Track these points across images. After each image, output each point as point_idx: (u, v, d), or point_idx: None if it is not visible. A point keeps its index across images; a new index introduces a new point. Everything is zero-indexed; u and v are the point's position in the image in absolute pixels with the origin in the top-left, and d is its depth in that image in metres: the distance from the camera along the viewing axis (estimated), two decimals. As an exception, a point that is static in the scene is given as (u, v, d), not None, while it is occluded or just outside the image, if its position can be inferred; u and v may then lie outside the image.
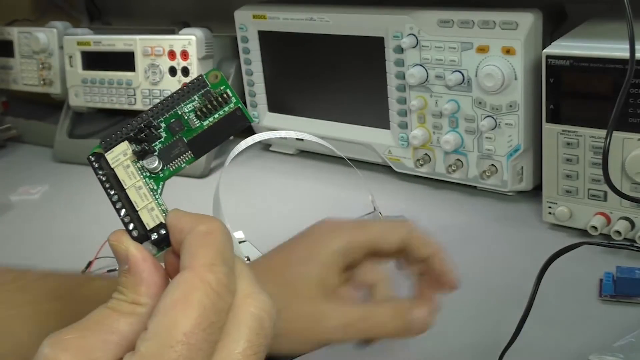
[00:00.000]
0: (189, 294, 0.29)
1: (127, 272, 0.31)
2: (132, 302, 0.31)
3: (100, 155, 0.34)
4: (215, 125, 0.35)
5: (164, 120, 0.35)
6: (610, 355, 0.50)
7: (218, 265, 0.30)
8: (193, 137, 0.35)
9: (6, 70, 1.23)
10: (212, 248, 0.30)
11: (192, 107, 0.35)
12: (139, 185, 0.34)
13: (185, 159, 0.35)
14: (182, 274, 0.30)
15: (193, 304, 0.28)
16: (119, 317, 0.30)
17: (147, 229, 0.33)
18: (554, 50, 0.67)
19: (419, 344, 0.58)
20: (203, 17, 1.28)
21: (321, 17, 0.90)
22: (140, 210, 0.33)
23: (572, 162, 0.69)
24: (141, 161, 0.34)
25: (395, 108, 0.87)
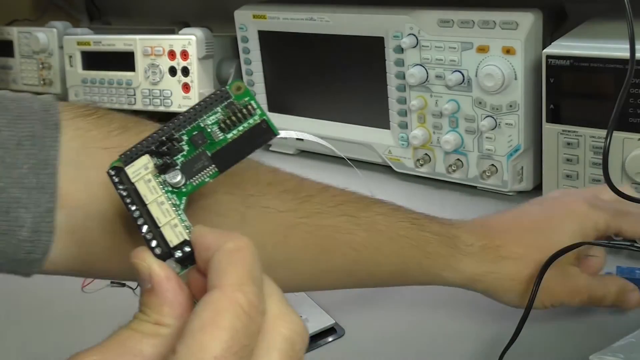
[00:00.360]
0: (218, 316, 0.27)
1: (150, 291, 0.30)
2: (156, 323, 0.29)
3: (120, 169, 0.33)
4: (239, 138, 0.34)
5: (186, 133, 0.34)
6: (611, 355, 0.50)
7: (248, 285, 0.29)
8: (217, 151, 0.34)
9: (6, 70, 1.23)
10: (241, 267, 0.29)
11: (215, 120, 0.34)
12: (161, 200, 0.33)
13: (208, 173, 0.34)
14: (210, 294, 0.28)
15: (223, 326, 0.27)
16: (141, 339, 0.29)
17: (170, 247, 0.32)
18: (554, 50, 0.67)
19: (419, 344, 0.58)
20: (203, 17, 1.28)
21: (321, 17, 0.90)
22: (162, 226, 0.32)
23: (572, 162, 0.69)
24: (163, 175, 0.33)
25: (395, 108, 0.87)
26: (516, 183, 0.80)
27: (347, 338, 0.59)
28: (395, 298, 0.65)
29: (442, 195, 0.86)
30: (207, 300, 0.28)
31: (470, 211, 0.81)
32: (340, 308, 0.61)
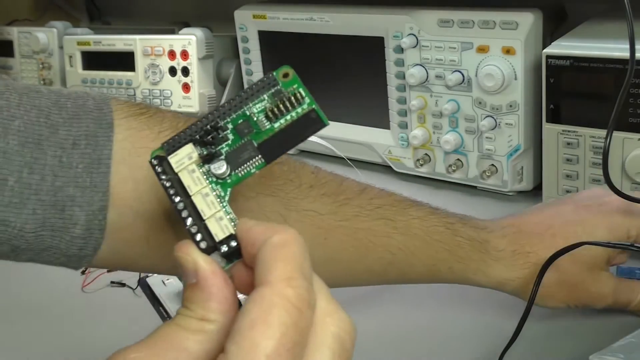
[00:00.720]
0: (268, 312, 0.27)
1: (195, 286, 0.29)
2: (201, 319, 0.29)
3: (163, 159, 0.32)
4: (287, 127, 0.33)
5: (231, 122, 0.32)
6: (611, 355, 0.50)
7: (297, 279, 0.28)
8: (263, 141, 0.32)
9: (6, 70, 1.23)
10: (290, 261, 0.28)
11: (261, 108, 0.33)
12: (206, 192, 0.31)
13: (255, 164, 0.32)
14: (259, 291, 0.28)
15: (274, 323, 0.26)
16: (187, 335, 0.28)
17: (216, 241, 0.30)
18: (554, 50, 0.67)
19: (419, 344, 0.58)
20: (203, 17, 1.29)
21: (321, 17, 0.90)
22: (207, 219, 0.31)
23: (572, 162, 0.69)
24: (207, 165, 0.32)
25: (395, 108, 0.87)
26: (516, 183, 0.80)
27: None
28: (395, 298, 0.65)
29: (442, 195, 0.86)
30: (256, 297, 0.27)
31: (470, 211, 0.81)
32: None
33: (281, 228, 0.29)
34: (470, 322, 0.60)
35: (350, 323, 0.29)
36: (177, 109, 1.01)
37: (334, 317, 0.29)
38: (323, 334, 0.28)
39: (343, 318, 0.29)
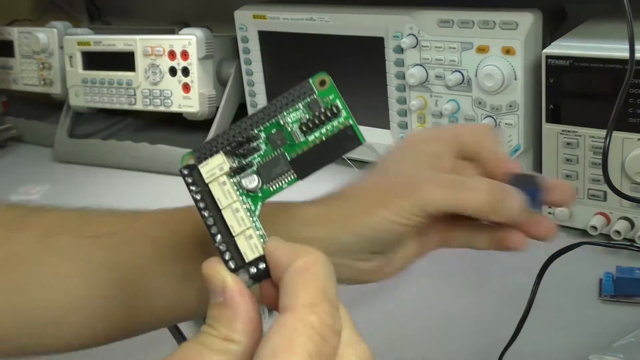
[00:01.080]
0: (291, 340, 0.26)
1: (221, 305, 0.29)
2: (225, 339, 0.28)
3: (194, 167, 0.31)
4: (322, 143, 0.32)
5: (264, 130, 0.31)
6: (611, 355, 0.50)
7: (320, 305, 0.27)
8: (297, 155, 0.31)
9: (6, 70, 1.23)
10: (313, 285, 0.28)
11: (296, 118, 0.31)
12: (236, 207, 0.30)
13: (286, 180, 0.31)
14: (282, 317, 0.27)
15: (297, 350, 0.26)
16: (210, 355, 0.28)
17: (245, 262, 0.30)
18: (554, 50, 0.67)
19: (419, 344, 0.58)
20: (203, 17, 1.29)
21: (321, 17, 0.90)
22: (237, 236, 0.30)
23: (572, 162, 0.69)
24: (238, 177, 0.31)
25: (395, 108, 0.87)
26: (516, 183, 0.80)
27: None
28: (394, 298, 0.65)
29: (442, 195, 0.86)
30: (279, 323, 0.27)
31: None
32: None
33: (304, 250, 0.29)
34: (470, 322, 0.60)
35: (369, 354, 0.29)
36: (178, 109, 1.01)
37: (356, 348, 0.29)
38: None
39: (364, 350, 0.29)
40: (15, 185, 1.03)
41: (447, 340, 0.59)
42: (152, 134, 1.14)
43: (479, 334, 0.58)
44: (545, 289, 0.53)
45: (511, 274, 0.66)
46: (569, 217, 0.71)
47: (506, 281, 0.65)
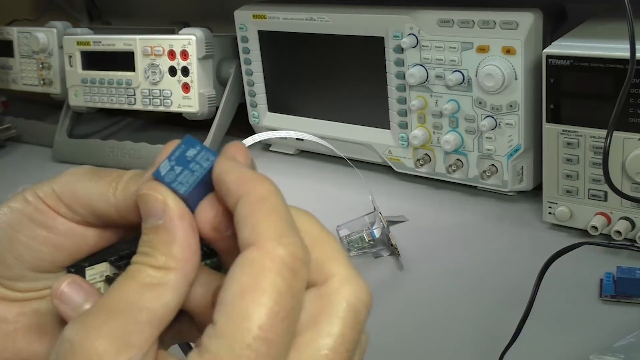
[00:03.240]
0: (259, 278, 0.24)
1: (159, 228, 0.27)
2: (160, 267, 0.26)
3: (82, 268, 0.32)
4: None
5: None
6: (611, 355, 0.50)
7: (287, 236, 0.25)
8: None
9: (6, 70, 1.23)
10: (275, 216, 0.25)
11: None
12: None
13: None
14: (246, 254, 0.25)
15: (266, 289, 0.24)
16: (145, 291, 0.26)
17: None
18: (554, 50, 0.67)
19: (419, 344, 0.58)
20: (203, 17, 1.29)
21: (321, 17, 0.89)
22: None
23: (572, 162, 0.69)
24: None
25: (395, 108, 0.87)
26: (516, 183, 0.80)
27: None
28: (395, 298, 0.65)
29: (442, 195, 0.86)
30: (244, 260, 0.25)
31: (470, 211, 0.81)
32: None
33: (256, 179, 0.27)
34: (470, 322, 0.60)
35: (367, 293, 0.27)
36: (177, 109, 1.01)
37: (352, 286, 0.27)
38: (337, 303, 0.26)
39: (361, 287, 0.27)
40: (15, 185, 1.03)
41: (447, 340, 0.58)
42: (152, 134, 1.13)
43: (479, 334, 0.58)
44: (546, 289, 0.53)
45: (511, 274, 0.66)
46: (569, 217, 0.71)
47: (506, 281, 0.65)
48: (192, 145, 0.29)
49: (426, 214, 0.81)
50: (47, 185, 0.32)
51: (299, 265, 0.25)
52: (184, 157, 0.29)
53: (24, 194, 0.32)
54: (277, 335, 0.24)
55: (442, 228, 0.78)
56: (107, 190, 0.31)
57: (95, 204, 0.31)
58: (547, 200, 0.72)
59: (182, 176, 0.29)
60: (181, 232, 0.27)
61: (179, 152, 0.29)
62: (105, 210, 0.31)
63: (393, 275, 0.69)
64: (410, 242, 0.74)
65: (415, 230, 0.78)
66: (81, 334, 0.25)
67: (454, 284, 0.67)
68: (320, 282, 0.27)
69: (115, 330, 0.25)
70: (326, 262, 0.27)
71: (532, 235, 0.74)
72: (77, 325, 0.26)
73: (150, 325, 0.26)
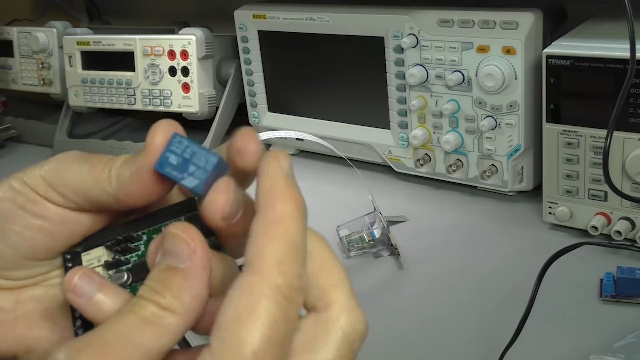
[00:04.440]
0: (255, 303, 0.25)
1: (178, 271, 0.27)
2: (166, 308, 0.27)
3: (77, 254, 0.33)
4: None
5: (146, 233, 0.32)
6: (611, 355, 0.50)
7: (288, 264, 0.25)
8: None
9: (6, 70, 1.23)
10: (282, 242, 0.26)
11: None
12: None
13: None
14: (245, 278, 0.25)
15: (261, 316, 0.25)
16: (143, 328, 0.26)
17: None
18: (554, 50, 0.67)
19: (419, 344, 0.58)
20: (203, 17, 1.28)
21: (321, 17, 0.89)
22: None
23: (572, 162, 0.69)
24: (111, 271, 0.32)
25: (395, 108, 0.87)
26: (516, 183, 0.80)
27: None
28: (395, 298, 0.65)
29: (442, 195, 0.86)
30: (242, 285, 0.25)
31: (470, 211, 0.81)
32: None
33: (281, 196, 0.27)
34: (471, 322, 0.60)
35: (364, 324, 0.28)
36: (177, 109, 1.00)
37: (350, 315, 0.27)
38: (334, 330, 0.27)
39: (359, 318, 0.27)
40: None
41: (447, 340, 0.58)
42: (151, 134, 1.13)
43: (479, 334, 0.58)
44: (546, 289, 0.53)
45: (511, 274, 0.66)
46: (569, 217, 0.71)
47: (506, 281, 0.65)
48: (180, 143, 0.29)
49: (426, 214, 0.81)
50: (35, 172, 0.32)
51: (295, 294, 0.26)
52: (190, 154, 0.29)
53: (10, 182, 0.32)
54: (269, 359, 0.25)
55: (442, 228, 0.78)
56: (100, 176, 0.31)
57: (90, 191, 0.31)
58: (547, 200, 0.72)
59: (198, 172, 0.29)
60: (200, 283, 0.27)
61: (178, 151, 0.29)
62: (101, 197, 0.31)
63: (393, 275, 0.69)
64: (410, 242, 0.74)
65: (415, 230, 0.78)
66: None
67: (454, 283, 0.67)
68: (320, 308, 0.28)
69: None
70: (329, 289, 0.28)
71: (532, 235, 0.74)
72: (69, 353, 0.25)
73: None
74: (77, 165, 0.32)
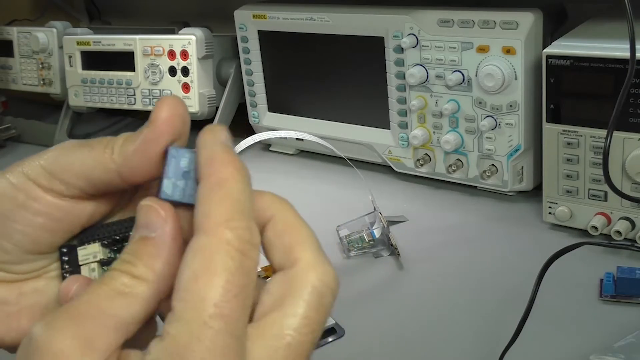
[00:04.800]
0: (209, 261, 0.25)
1: (149, 240, 0.28)
2: (137, 277, 0.27)
3: (73, 248, 0.33)
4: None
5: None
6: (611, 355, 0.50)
7: (236, 220, 0.26)
8: None
9: (6, 70, 1.23)
10: (227, 201, 0.27)
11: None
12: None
13: None
14: (196, 239, 0.26)
15: (217, 270, 0.25)
16: (114, 298, 0.27)
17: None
18: (554, 50, 0.67)
19: (419, 344, 0.58)
20: (203, 17, 1.28)
21: (321, 17, 0.89)
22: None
23: (572, 162, 0.69)
24: (105, 268, 0.33)
25: (395, 108, 0.87)
26: (516, 183, 0.80)
27: (347, 338, 0.59)
28: (395, 298, 0.65)
29: (442, 195, 0.86)
30: (195, 247, 0.26)
31: (470, 211, 0.81)
32: (340, 308, 0.61)
33: (222, 161, 0.28)
34: (471, 322, 0.60)
35: (333, 277, 0.28)
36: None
37: (317, 270, 0.28)
38: (302, 285, 0.27)
39: (327, 271, 0.28)
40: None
41: (447, 340, 0.58)
42: (151, 134, 1.13)
43: (479, 334, 0.58)
44: (546, 289, 0.53)
45: (511, 274, 0.66)
46: (569, 217, 0.71)
47: (506, 281, 0.65)
48: (181, 155, 0.30)
49: (426, 214, 0.81)
50: (35, 163, 0.32)
51: (248, 247, 0.26)
52: (179, 169, 0.29)
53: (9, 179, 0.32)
54: (232, 311, 0.25)
55: (442, 228, 0.78)
56: (102, 156, 0.31)
57: (93, 172, 0.31)
58: (547, 200, 0.72)
59: (188, 189, 0.29)
60: (170, 250, 0.28)
61: (172, 166, 0.29)
62: (105, 177, 0.31)
63: (393, 275, 0.69)
64: (410, 242, 0.74)
65: (415, 230, 0.78)
66: (47, 333, 0.26)
67: (454, 284, 0.67)
68: (287, 266, 0.28)
69: (81, 333, 0.26)
70: (295, 247, 0.28)
71: (532, 235, 0.74)
72: (45, 325, 0.26)
73: (115, 332, 0.26)
74: (77, 150, 0.32)
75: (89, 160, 0.31)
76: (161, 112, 0.30)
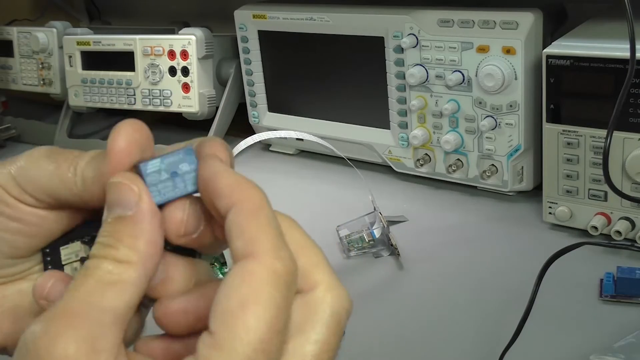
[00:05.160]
0: (259, 291, 0.25)
1: (127, 219, 0.26)
2: (122, 261, 0.26)
3: (56, 249, 0.32)
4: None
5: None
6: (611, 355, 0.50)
7: (282, 250, 0.26)
8: None
9: (6, 70, 1.23)
10: (271, 228, 0.26)
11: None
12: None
13: None
14: (245, 265, 0.25)
15: (266, 302, 0.24)
16: (104, 289, 0.25)
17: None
18: (554, 50, 0.67)
19: (419, 344, 0.58)
20: (203, 17, 1.28)
21: (321, 17, 0.89)
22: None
23: (572, 162, 0.69)
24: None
25: (395, 108, 0.87)
26: (516, 183, 0.80)
27: (347, 338, 0.59)
28: (395, 298, 0.65)
29: (442, 195, 0.86)
30: (244, 271, 0.25)
31: (470, 211, 0.81)
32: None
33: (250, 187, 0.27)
34: (471, 322, 0.60)
35: (348, 300, 0.28)
36: (177, 109, 1.00)
37: (334, 294, 0.27)
38: (322, 310, 0.27)
39: (343, 295, 0.28)
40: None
41: (447, 340, 0.58)
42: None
43: (479, 334, 0.58)
44: (546, 289, 0.53)
45: (511, 274, 0.66)
46: (569, 217, 0.71)
47: (506, 281, 0.65)
48: (189, 161, 0.29)
49: (426, 214, 0.81)
50: (5, 170, 0.31)
51: (292, 279, 0.26)
52: (175, 167, 0.28)
53: None
54: (274, 347, 0.25)
55: (442, 228, 0.78)
56: (66, 176, 0.30)
57: (58, 191, 0.30)
58: (547, 200, 0.72)
59: (163, 185, 0.28)
60: (150, 227, 0.26)
61: (173, 158, 0.28)
62: (69, 198, 0.30)
63: (393, 275, 0.69)
64: (410, 242, 0.74)
65: (415, 230, 0.78)
66: (46, 339, 0.24)
67: (454, 284, 0.67)
68: (305, 290, 0.28)
69: (80, 336, 0.24)
70: (311, 270, 0.28)
71: (532, 235, 0.74)
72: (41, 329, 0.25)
73: (115, 326, 0.25)
74: (45, 164, 0.31)
75: (54, 179, 0.30)
76: (116, 142, 0.28)
